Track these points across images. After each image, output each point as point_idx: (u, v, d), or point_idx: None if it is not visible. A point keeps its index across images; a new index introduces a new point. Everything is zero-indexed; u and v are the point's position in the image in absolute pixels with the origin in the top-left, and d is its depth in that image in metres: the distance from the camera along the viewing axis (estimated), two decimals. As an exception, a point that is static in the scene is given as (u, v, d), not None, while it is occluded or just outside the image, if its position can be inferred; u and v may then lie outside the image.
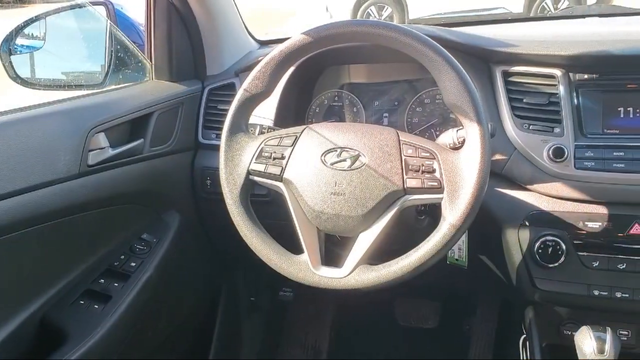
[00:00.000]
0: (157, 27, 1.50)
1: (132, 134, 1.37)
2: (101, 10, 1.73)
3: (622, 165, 1.13)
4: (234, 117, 1.10)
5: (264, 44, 1.77)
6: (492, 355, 1.86)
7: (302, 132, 1.09)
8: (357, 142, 1.05)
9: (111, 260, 1.35)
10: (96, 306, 1.27)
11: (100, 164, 1.25)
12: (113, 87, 1.49)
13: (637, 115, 1.17)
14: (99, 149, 1.26)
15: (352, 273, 1.04)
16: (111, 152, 1.28)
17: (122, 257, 1.37)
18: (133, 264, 1.37)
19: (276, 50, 1.08)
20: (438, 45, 1.00)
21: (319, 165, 1.05)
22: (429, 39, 1.00)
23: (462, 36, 1.30)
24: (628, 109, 1.18)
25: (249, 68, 1.26)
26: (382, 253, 1.06)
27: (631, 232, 1.14)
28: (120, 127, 1.32)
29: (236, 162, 1.09)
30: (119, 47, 1.52)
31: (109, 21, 1.54)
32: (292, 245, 1.08)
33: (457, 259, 1.34)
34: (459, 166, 0.99)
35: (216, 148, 1.13)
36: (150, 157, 1.39)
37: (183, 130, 1.48)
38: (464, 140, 1.03)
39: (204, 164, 1.49)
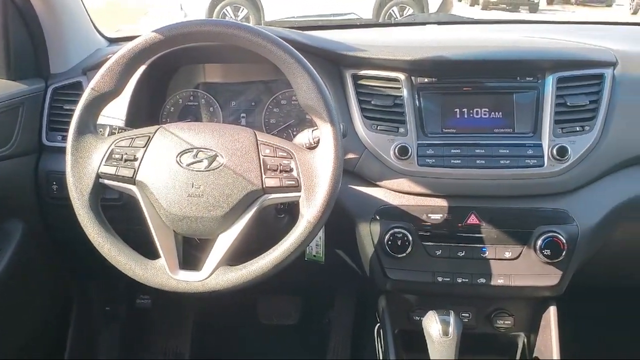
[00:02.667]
0: (-10, 21, 1.37)
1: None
2: None
3: (459, 162, 1.24)
4: (80, 117, 1.05)
5: (113, 41, 1.70)
6: (350, 345, 1.94)
7: (155, 133, 1.06)
8: (214, 143, 1.04)
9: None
10: None
11: None
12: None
13: (471, 115, 1.29)
14: None
15: (211, 275, 1.03)
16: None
17: None
18: None
19: (126, 47, 1.04)
20: (291, 47, 1.03)
21: (174, 167, 1.03)
22: (282, 41, 1.02)
23: (314, 39, 1.34)
24: (463, 110, 1.29)
25: (97, 66, 1.20)
26: (242, 253, 1.07)
27: (468, 222, 1.25)
28: None
29: (84, 165, 1.04)
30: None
31: None
32: (148, 250, 1.05)
33: (314, 255, 1.38)
34: (315, 165, 1.03)
35: (62, 150, 1.06)
36: (-15, 161, 1.27)
37: (24, 132, 1.37)
38: (319, 140, 1.07)
39: (49, 167, 1.39)
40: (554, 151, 1.21)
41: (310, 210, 1.01)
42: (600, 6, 19.14)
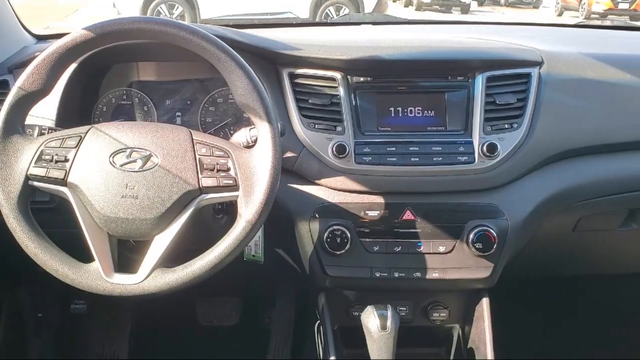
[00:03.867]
0: None
1: None
2: None
3: (395, 159, 1.26)
4: (7, 118, 1.01)
5: (41, 38, 1.64)
6: (291, 344, 1.95)
7: (87, 133, 1.03)
8: (149, 142, 1.03)
9: None
10: None
11: None
12: None
13: (406, 114, 1.32)
14: None
15: (148, 278, 1.02)
16: None
17: None
18: None
19: (55, 45, 1.01)
20: (226, 45, 1.02)
21: (107, 167, 1.00)
22: (217, 39, 1.02)
23: (251, 38, 1.34)
24: (398, 108, 1.31)
25: (24, 64, 1.16)
26: (180, 255, 1.06)
27: (404, 218, 1.28)
28: None
29: (12, 167, 1.00)
30: None
31: None
32: (81, 253, 1.02)
33: (254, 255, 1.38)
34: (253, 164, 1.03)
35: (-12, 152, 1.02)
36: None
37: None
38: (256, 138, 1.07)
39: None
40: (484, 148, 1.26)
41: (248, 209, 1.01)
42: (527, 8, 19.97)
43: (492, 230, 1.25)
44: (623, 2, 16.47)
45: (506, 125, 1.29)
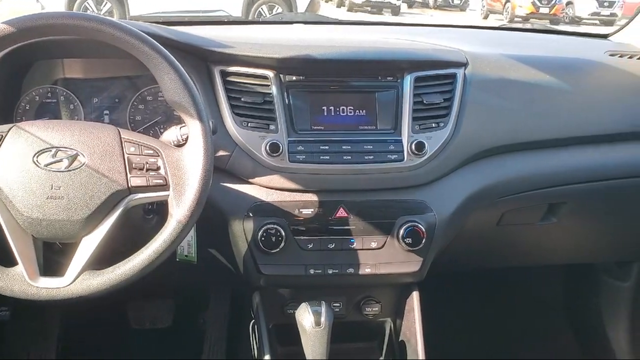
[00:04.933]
0: None
1: None
2: None
3: (328, 158, 1.28)
4: None
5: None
6: (226, 344, 1.94)
7: (8, 132, 0.99)
8: (75, 141, 1.00)
9: None
10: None
11: None
12: None
13: (338, 113, 1.33)
14: None
15: (75, 281, 0.99)
16: None
17: None
18: None
19: None
20: (155, 42, 1.01)
21: (31, 168, 0.97)
22: (146, 35, 1.00)
23: (181, 35, 1.32)
24: (330, 107, 1.33)
25: None
26: (109, 256, 1.03)
27: (337, 215, 1.30)
28: None
29: None
30: None
31: None
32: (4, 257, 0.98)
33: (186, 255, 1.36)
34: (183, 163, 1.02)
35: None
36: None
37: None
38: (187, 137, 1.05)
39: None
40: (413, 146, 1.29)
41: (179, 209, 1.00)
42: (455, 10, 20.63)
43: (420, 226, 1.29)
44: (544, 7, 17.34)
45: (433, 125, 1.33)
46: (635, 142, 1.53)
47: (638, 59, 1.65)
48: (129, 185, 0.99)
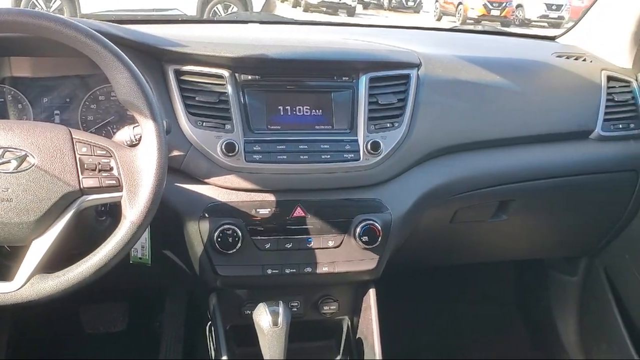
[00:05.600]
0: None
1: None
2: None
3: (285, 157, 1.28)
4: None
5: None
6: (182, 347, 1.91)
7: None
8: (24, 142, 0.97)
9: None
10: None
11: None
12: None
13: (295, 113, 1.33)
14: None
15: (25, 285, 0.96)
16: None
17: None
18: None
19: None
20: (107, 40, 0.99)
21: (-24, 169, 0.94)
22: (97, 34, 0.98)
23: (133, 34, 1.30)
24: (287, 107, 1.33)
25: None
26: (61, 259, 1.01)
27: (294, 215, 1.30)
28: None
29: None
30: None
31: None
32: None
33: (140, 257, 1.34)
34: (137, 163, 1.00)
35: None
36: None
37: None
38: (140, 137, 1.04)
39: None
40: (368, 146, 1.30)
41: (133, 210, 0.98)
42: (409, 12, 20.93)
43: (376, 224, 1.31)
44: (495, 9, 17.79)
45: (388, 124, 1.35)
46: (580, 141, 1.59)
47: (583, 60, 1.71)
48: (81, 186, 0.97)
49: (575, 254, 1.93)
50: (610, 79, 1.63)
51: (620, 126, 1.60)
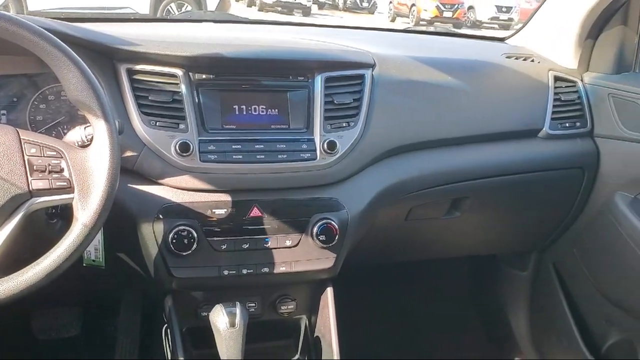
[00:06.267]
0: None
1: None
2: None
3: (240, 157, 1.27)
4: None
5: None
6: (138, 350, 1.88)
7: None
8: None
9: None
10: None
11: None
12: None
13: (250, 112, 1.33)
14: None
15: (-28, 290, 0.93)
16: None
17: None
18: None
19: None
20: (56, 38, 0.96)
21: None
22: (45, 31, 0.95)
23: (83, 32, 1.27)
24: (242, 106, 1.32)
25: None
26: (10, 264, 0.98)
27: (251, 215, 1.29)
28: None
29: None
30: None
31: None
32: None
33: (93, 260, 1.31)
34: (89, 164, 0.98)
35: None
36: None
37: None
38: (92, 137, 1.02)
39: None
40: (325, 145, 1.31)
41: (85, 212, 0.96)
42: (364, 13, 21.13)
43: (333, 223, 1.32)
44: (447, 11, 18.16)
45: (344, 124, 1.36)
46: (529, 139, 1.64)
47: (531, 61, 1.76)
48: (30, 188, 0.95)
49: (526, 249, 1.99)
50: (557, 79, 1.69)
51: (567, 125, 1.66)
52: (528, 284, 2.05)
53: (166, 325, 1.40)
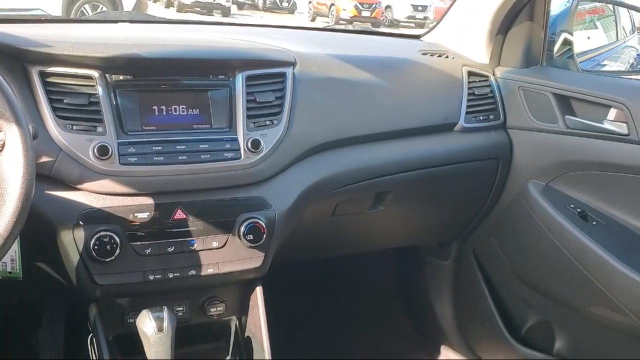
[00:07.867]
0: None
1: None
2: None
3: (162, 158, 1.25)
4: None
5: None
6: None
7: None
8: None
9: None
10: None
11: None
12: None
13: (170, 112, 1.31)
14: None
15: None
16: None
17: None
18: None
19: None
20: None
21: None
22: None
23: (-11, 33, 1.21)
24: (162, 107, 1.30)
25: None
26: None
27: (175, 217, 1.27)
28: None
29: None
30: None
31: None
32: None
33: (10, 272, 1.26)
34: (1, 172, 0.94)
35: None
36: None
37: None
38: (4, 143, 0.98)
39: None
40: (249, 144, 1.31)
41: (-1, 222, 0.92)
42: (284, 13, 21.19)
43: (261, 222, 1.32)
44: (365, 10, 18.55)
45: (267, 122, 1.37)
46: (446, 133, 1.70)
47: (446, 57, 1.83)
48: (-64, 198, 0.90)
49: (447, 239, 2.06)
50: (470, 74, 1.76)
51: (481, 118, 1.73)
52: (450, 273, 2.13)
53: (92, 334, 1.35)
